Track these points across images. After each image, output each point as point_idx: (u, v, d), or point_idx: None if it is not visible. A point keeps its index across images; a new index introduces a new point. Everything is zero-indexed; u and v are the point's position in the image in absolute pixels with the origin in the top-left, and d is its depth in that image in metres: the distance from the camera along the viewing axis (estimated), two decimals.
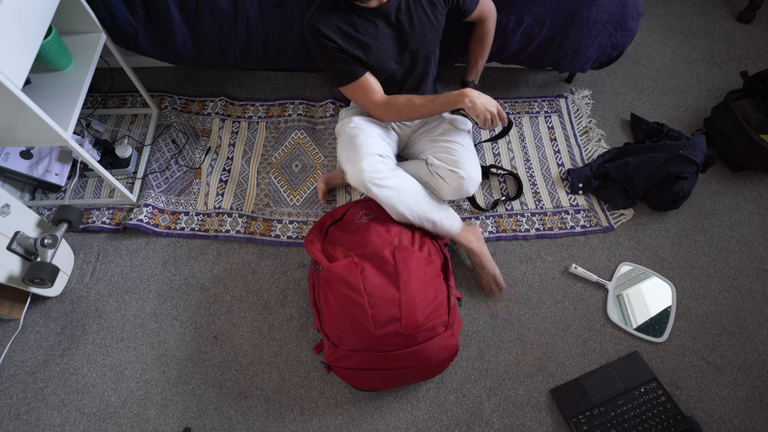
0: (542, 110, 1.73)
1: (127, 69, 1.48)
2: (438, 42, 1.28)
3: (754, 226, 1.48)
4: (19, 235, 1.18)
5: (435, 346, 1.07)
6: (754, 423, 1.19)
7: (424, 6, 1.16)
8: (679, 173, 1.42)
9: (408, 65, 1.25)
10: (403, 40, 1.19)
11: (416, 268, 1.09)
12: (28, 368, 1.26)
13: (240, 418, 1.20)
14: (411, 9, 1.15)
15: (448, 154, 1.26)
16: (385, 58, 1.19)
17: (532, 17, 1.43)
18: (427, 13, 1.17)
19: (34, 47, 1.05)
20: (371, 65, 1.19)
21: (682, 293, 1.37)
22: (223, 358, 1.28)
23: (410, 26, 1.17)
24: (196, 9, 1.40)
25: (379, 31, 1.15)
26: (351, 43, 1.14)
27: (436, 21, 1.20)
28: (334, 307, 1.09)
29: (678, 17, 2.01)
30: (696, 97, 1.77)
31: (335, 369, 1.12)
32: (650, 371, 1.24)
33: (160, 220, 1.47)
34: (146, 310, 1.34)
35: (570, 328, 1.32)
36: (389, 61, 1.21)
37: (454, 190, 1.23)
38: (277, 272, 1.40)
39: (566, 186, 1.56)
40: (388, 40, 1.17)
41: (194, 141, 1.63)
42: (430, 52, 1.26)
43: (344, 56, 1.15)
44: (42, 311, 1.34)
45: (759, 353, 1.28)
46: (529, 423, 1.19)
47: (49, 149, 1.49)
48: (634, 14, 1.45)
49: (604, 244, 1.46)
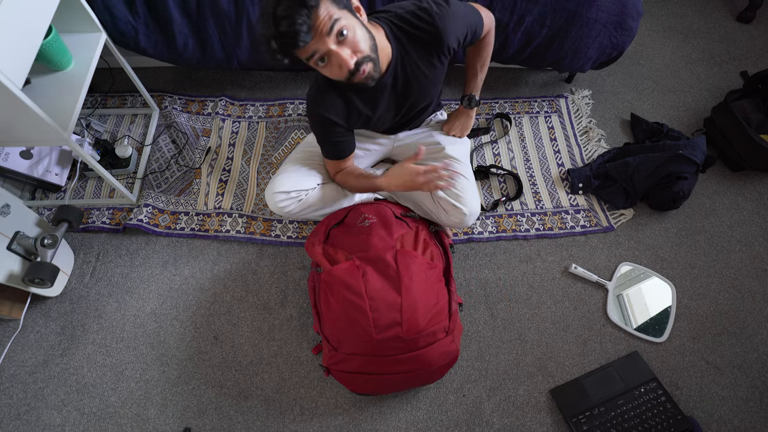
0: (542, 110, 1.73)
1: (128, 69, 1.48)
2: (439, 86, 1.25)
3: (754, 226, 1.48)
4: (19, 235, 1.18)
5: (435, 352, 1.07)
6: (754, 423, 1.19)
7: (422, 68, 1.08)
8: (679, 173, 1.42)
9: (407, 114, 1.24)
10: (402, 101, 1.16)
11: (418, 273, 1.09)
12: (28, 368, 1.26)
13: (240, 418, 1.20)
14: (409, 74, 1.09)
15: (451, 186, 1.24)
16: (385, 120, 1.20)
17: (532, 17, 1.43)
18: (426, 74, 1.10)
19: (34, 47, 1.04)
20: (371, 127, 1.22)
21: (682, 293, 1.37)
22: (223, 358, 1.28)
23: (409, 90, 1.12)
24: (197, 9, 1.40)
25: (380, 101, 1.12)
26: (353, 119, 1.12)
27: (436, 76, 1.14)
28: (334, 310, 1.09)
29: (678, 17, 2.01)
30: (696, 97, 1.77)
31: (334, 372, 1.12)
32: (650, 371, 1.24)
33: (160, 220, 1.47)
34: (146, 310, 1.34)
35: (570, 328, 1.32)
36: (389, 119, 1.21)
37: (454, 222, 1.23)
38: (277, 272, 1.40)
39: (566, 186, 1.56)
40: (389, 105, 1.15)
41: (194, 141, 1.63)
42: (431, 98, 1.24)
43: (342, 137, 1.14)
44: (42, 311, 1.34)
45: (759, 353, 1.28)
46: (529, 423, 1.19)
47: (49, 149, 1.49)
48: (634, 14, 1.45)
49: (604, 244, 1.46)
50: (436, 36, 1.03)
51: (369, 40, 0.94)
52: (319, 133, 1.16)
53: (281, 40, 0.86)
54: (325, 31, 0.87)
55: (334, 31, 0.88)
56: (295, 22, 0.83)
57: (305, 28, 0.84)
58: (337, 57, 0.90)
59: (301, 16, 0.83)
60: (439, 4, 1.02)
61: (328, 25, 0.86)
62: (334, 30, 0.87)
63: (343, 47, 0.90)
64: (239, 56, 1.51)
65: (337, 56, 0.90)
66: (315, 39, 0.87)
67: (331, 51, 0.89)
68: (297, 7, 0.83)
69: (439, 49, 1.05)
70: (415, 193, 1.30)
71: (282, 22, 0.84)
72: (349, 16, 0.91)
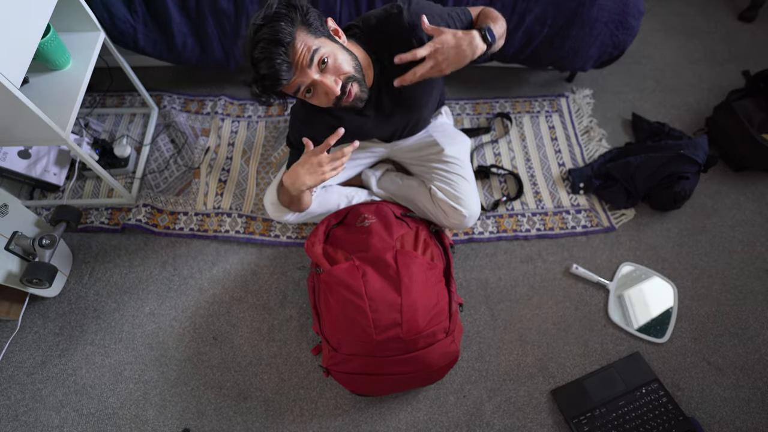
0: (543, 110, 1.72)
1: (126, 68, 1.47)
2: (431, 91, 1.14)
3: (756, 226, 1.48)
4: (17, 235, 1.18)
5: (435, 353, 1.06)
6: (756, 424, 1.18)
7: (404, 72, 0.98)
8: (681, 173, 1.41)
9: (402, 123, 1.21)
10: (393, 111, 1.10)
11: (418, 273, 1.08)
12: (26, 369, 1.25)
13: (239, 419, 1.19)
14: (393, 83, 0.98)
15: (450, 187, 1.22)
16: (378, 133, 1.19)
17: (533, 16, 1.42)
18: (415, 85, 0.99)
19: (32, 46, 1.04)
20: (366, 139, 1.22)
21: (683, 293, 1.37)
22: (222, 358, 1.27)
23: (399, 99, 1.07)
24: (196, 8, 1.40)
25: (368, 115, 1.09)
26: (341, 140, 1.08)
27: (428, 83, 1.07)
28: (334, 311, 1.09)
29: (679, 16, 2.00)
30: (698, 96, 1.76)
31: (334, 373, 1.11)
32: (651, 372, 1.23)
33: (159, 221, 1.47)
34: (145, 311, 1.34)
35: (571, 328, 1.32)
36: (382, 131, 1.20)
37: (453, 224, 1.23)
38: (276, 272, 1.40)
39: (567, 186, 1.55)
40: (378, 118, 1.11)
41: (193, 140, 1.62)
42: (424, 104, 1.16)
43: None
44: (40, 312, 1.33)
45: (761, 354, 1.27)
46: (530, 424, 1.19)
47: (47, 149, 1.49)
48: (636, 13, 1.44)
49: (606, 244, 1.45)
50: (408, 30, 0.95)
51: (352, 61, 0.93)
52: (294, 147, 1.14)
53: (263, 82, 0.85)
54: (305, 64, 0.86)
55: (315, 61, 0.87)
56: (273, 63, 0.82)
57: (285, 66, 0.83)
58: (322, 86, 0.89)
59: (279, 55, 0.82)
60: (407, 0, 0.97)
61: (308, 57, 0.85)
62: (314, 61, 0.87)
63: (326, 75, 0.89)
64: (239, 55, 1.50)
65: (322, 85, 0.89)
66: (297, 74, 0.86)
67: (315, 81, 0.88)
68: (273, 47, 0.82)
69: (416, 42, 0.95)
70: (414, 194, 1.30)
71: (261, 64, 0.83)
72: (327, 43, 0.89)
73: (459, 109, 1.72)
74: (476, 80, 1.79)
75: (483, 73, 1.80)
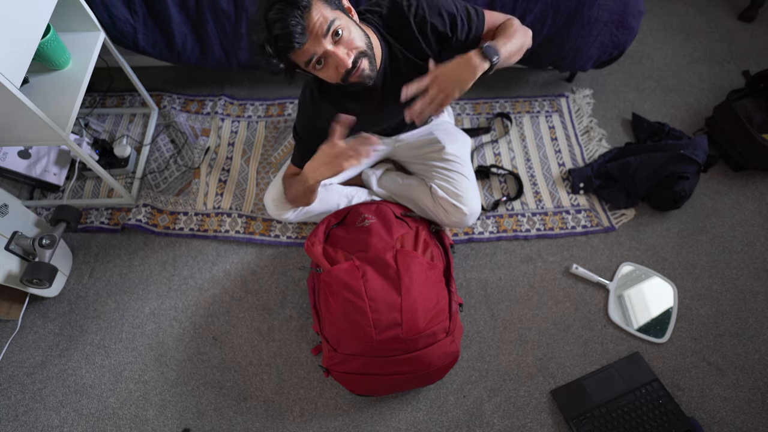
0: (543, 110, 1.72)
1: (126, 68, 1.47)
2: None
3: (756, 226, 1.48)
4: (18, 235, 1.18)
5: (435, 352, 1.06)
6: (756, 424, 1.18)
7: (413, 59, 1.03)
8: (681, 173, 1.41)
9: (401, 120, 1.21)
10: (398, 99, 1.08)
11: (418, 273, 1.08)
12: (27, 369, 1.25)
13: (239, 419, 1.19)
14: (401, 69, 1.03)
15: (451, 185, 1.23)
16: (382, 123, 1.19)
17: (533, 16, 1.42)
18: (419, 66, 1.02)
19: (33, 46, 1.04)
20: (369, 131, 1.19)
21: (683, 293, 1.36)
22: (222, 358, 1.27)
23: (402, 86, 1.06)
24: (196, 8, 1.40)
25: (374, 103, 1.09)
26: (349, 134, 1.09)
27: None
28: (334, 311, 1.09)
29: (679, 16, 2.00)
30: (698, 96, 1.76)
31: (334, 373, 1.11)
32: (651, 372, 1.23)
33: (159, 221, 1.47)
34: (145, 311, 1.34)
35: (571, 328, 1.31)
36: (387, 121, 1.20)
37: (454, 222, 1.23)
38: (276, 272, 1.40)
39: (567, 186, 1.55)
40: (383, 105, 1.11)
41: (193, 140, 1.62)
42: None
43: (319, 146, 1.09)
44: (40, 312, 1.33)
45: (761, 354, 1.27)
46: (530, 424, 1.19)
47: (47, 149, 1.49)
48: (636, 13, 1.44)
49: (606, 244, 1.45)
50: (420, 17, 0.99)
51: (364, 37, 0.94)
52: (301, 138, 1.14)
53: (276, 43, 0.85)
54: (321, 33, 0.86)
55: (330, 31, 0.87)
56: (288, 23, 0.83)
57: (299, 29, 0.84)
58: (334, 57, 0.89)
59: (294, 17, 0.83)
60: None
61: (324, 27, 0.86)
62: (330, 30, 0.87)
63: (339, 46, 0.89)
64: (238, 55, 1.51)
65: (334, 56, 0.89)
66: (310, 40, 0.86)
67: (328, 51, 0.89)
68: (289, 9, 0.82)
69: (424, 31, 1.00)
70: (414, 192, 1.30)
71: (275, 25, 0.83)
72: (342, 16, 0.90)
73: (459, 109, 1.72)
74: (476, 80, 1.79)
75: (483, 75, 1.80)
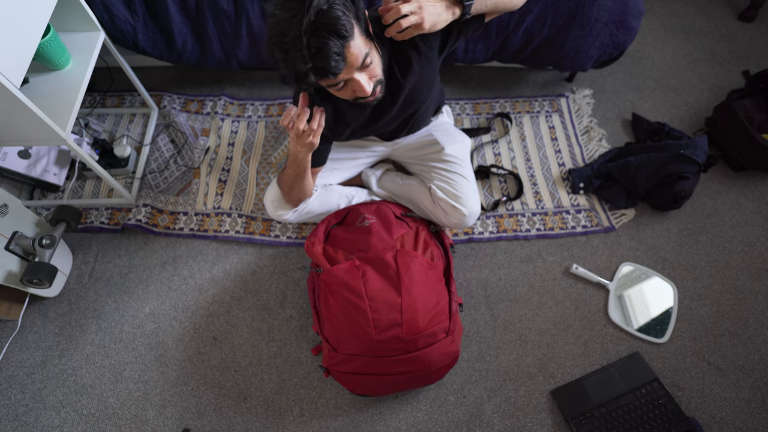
0: (543, 110, 1.72)
1: (126, 68, 1.47)
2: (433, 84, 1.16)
3: (755, 226, 1.48)
4: (18, 235, 1.18)
5: (435, 352, 1.06)
6: (756, 424, 1.18)
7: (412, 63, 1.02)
8: (681, 173, 1.41)
9: (403, 117, 1.20)
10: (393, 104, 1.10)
11: (418, 273, 1.08)
12: (26, 369, 1.25)
13: (239, 419, 1.19)
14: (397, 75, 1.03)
15: (450, 186, 1.22)
16: (379, 128, 1.19)
17: (533, 16, 1.42)
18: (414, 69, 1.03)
19: (33, 46, 1.04)
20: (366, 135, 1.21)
21: (683, 293, 1.37)
22: (222, 358, 1.27)
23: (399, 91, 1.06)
24: (196, 8, 1.40)
25: (367, 113, 1.09)
26: (340, 130, 1.10)
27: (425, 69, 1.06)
28: (334, 311, 1.09)
29: (679, 16, 2.00)
30: (698, 96, 1.76)
31: (334, 373, 1.11)
32: (651, 372, 1.23)
33: (159, 221, 1.47)
34: (145, 311, 1.34)
35: (571, 328, 1.31)
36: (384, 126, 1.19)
37: (453, 223, 1.23)
38: (276, 272, 1.40)
39: (567, 186, 1.55)
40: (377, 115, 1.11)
41: (193, 140, 1.62)
42: (425, 98, 1.17)
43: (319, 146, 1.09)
44: (40, 312, 1.33)
45: (761, 354, 1.27)
46: (530, 424, 1.19)
47: (47, 149, 1.49)
48: (636, 13, 1.44)
49: (605, 244, 1.45)
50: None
51: (381, 64, 0.94)
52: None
53: (311, 71, 0.82)
54: (356, 66, 0.85)
55: (364, 64, 0.87)
56: (330, 57, 0.80)
57: (341, 62, 0.82)
58: (356, 84, 0.89)
59: (336, 48, 0.80)
60: None
61: (360, 60, 0.85)
62: (363, 63, 0.86)
63: (363, 73, 0.89)
64: (239, 56, 1.51)
65: (356, 83, 0.89)
66: (345, 71, 0.85)
67: (353, 78, 0.88)
68: (332, 40, 0.79)
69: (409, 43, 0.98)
70: (414, 193, 1.30)
71: (316, 55, 0.79)
72: (371, 46, 0.90)
73: (459, 109, 1.72)
74: (476, 80, 1.79)
75: (483, 73, 1.80)
